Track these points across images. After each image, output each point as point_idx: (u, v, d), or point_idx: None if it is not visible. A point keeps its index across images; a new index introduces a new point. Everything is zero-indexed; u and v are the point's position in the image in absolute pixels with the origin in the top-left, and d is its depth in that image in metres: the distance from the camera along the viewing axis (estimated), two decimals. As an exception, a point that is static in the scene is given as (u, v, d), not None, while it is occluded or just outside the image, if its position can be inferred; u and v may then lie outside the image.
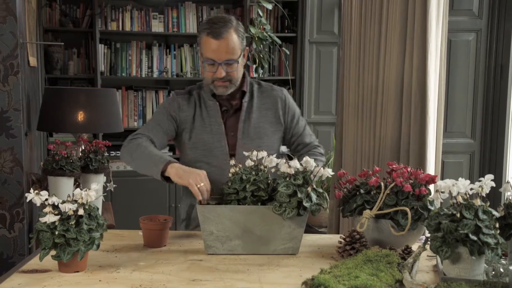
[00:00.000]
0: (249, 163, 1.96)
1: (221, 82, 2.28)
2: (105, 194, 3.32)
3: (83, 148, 3.43)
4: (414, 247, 1.96)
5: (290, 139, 2.50)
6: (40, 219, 1.69)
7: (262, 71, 5.18)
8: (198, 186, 2.01)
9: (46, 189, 3.27)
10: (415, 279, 1.65)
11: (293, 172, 1.89)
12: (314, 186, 1.88)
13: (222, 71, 2.24)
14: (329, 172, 1.92)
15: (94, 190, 1.74)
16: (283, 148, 2.73)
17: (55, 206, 1.71)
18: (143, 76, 5.33)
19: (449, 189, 1.70)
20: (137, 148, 2.26)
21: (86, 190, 1.72)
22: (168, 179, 2.14)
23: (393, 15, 3.43)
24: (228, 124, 2.37)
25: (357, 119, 3.89)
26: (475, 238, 1.59)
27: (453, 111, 3.56)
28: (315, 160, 2.25)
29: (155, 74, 5.36)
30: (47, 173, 3.10)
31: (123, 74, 5.28)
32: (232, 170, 1.99)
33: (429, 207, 1.93)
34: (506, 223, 1.78)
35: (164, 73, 5.37)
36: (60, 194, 3.09)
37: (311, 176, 1.90)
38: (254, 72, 5.15)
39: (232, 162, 2.01)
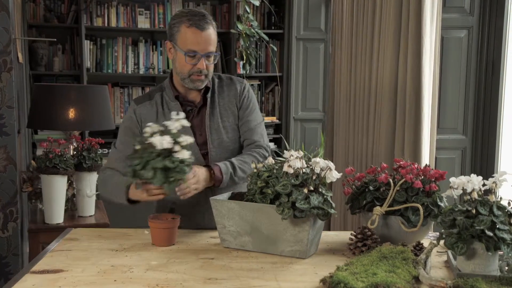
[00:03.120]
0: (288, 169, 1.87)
1: (199, 76, 2.22)
2: (98, 192, 3.29)
3: (75, 145, 3.39)
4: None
5: (239, 130, 2.37)
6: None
7: (249, 67, 5.17)
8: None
9: (39, 188, 3.23)
10: (431, 275, 1.65)
11: (292, 172, 1.85)
12: (311, 188, 1.81)
13: (204, 63, 2.20)
14: (336, 175, 1.87)
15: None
16: (271, 145, 2.65)
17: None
18: (130, 72, 5.28)
19: (464, 185, 1.71)
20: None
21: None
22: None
23: (387, 12, 3.44)
24: (194, 124, 2.29)
25: (349, 116, 3.90)
26: (491, 234, 1.61)
27: (445, 107, 3.59)
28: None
29: (142, 71, 5.31)
30: (40, 171, 3.06)
31: (109, 71, 5.22)
32: (253, 165, 1.98)
33: (439, 203, 1.94)
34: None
35: (151, 69, 5.32)
36: (53, 193, 3.05)
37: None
38: (241, 69, 5.13)
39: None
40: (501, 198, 1.70)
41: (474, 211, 1.65)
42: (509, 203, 1.84)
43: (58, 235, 3.02)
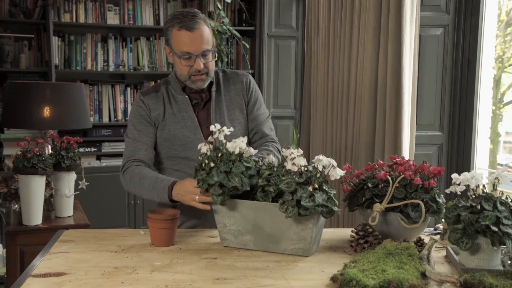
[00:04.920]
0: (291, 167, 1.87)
1: (199, 76, 2.23)
2: (78, 192, 3.22)
3: (51, 145, 3.30)
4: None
5: (249, 124, 2.41)
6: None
7: (221, 64, 5.14)
8: (197, 201, 1.97)
9: (14, 189, 3.14)
10: (439, 271, 1.67)
11: (296, 170, 1.86)
12: (316, 186, 1.82)
13: (200, 63, 2.19)
14: (340, 172, 1.88)
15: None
16: None
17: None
18: (99, 69, 5.17)
19: (467, 181, 1.73)
20: (132, 181, 2.21)
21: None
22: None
23: (366, 10, 3.47)
24: (200, 117, 2.32)
25: (327, 114, 3.92)
26: (496, 229, 1.63)
27: (422, 104, 3.64)
28: (274, 156, 2.25)
29: (111, 68, 5.21)
30: (18, 171, 2.96)
31: (78, 68, 5.11)
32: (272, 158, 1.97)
33: (437, 199, 1.96)
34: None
35: (121, 66, 5.23)
36: (31, 194, 2.97)
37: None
38: (213, 66, 5.09)
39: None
40: (502, 193, 1.73)
41: (478, 207, 1.67)
42: (507, 198, 1.89)
43: (37, 237, 2.98)
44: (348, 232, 2.06)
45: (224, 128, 1.95)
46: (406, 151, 3.29)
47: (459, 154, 3.66)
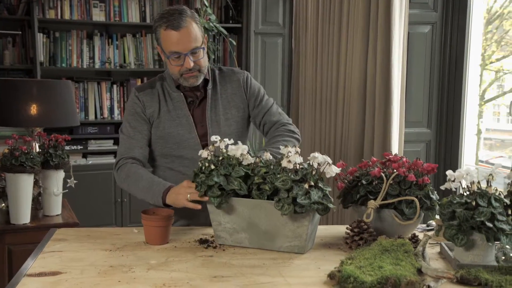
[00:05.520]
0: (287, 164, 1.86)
1: (191, 73, 2.20)
2: (66, 190, 3.20)
3: (39, 143, 3.27)
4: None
5: (255, 119, 2.41)
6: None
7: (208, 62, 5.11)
8: (188, 200, 1.96)
9: (1, 187, 3.11)
10: (435, 267, 1.68)
11: (292, 167, 1.85)
12: (312, 183, 1.81)
13: (190, 61, 2.16)
14: (335, 169, 1.88)
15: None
16: None
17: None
18: (85, 67, 5.13)
19: (462, 178, 1.74)
20: (127, 179, 2.21)
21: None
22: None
23: (355, 8, 3.47)
24: (195, 115, 2.30)
25: (315, 111, 3.93)
26: (491, 225, 1.65)
27: (410, 101, 3.66)
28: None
29: (97, 65, 5.17)
30: (5, 169, 2.93)
31: (63, 65, 5.06)
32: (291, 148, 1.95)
33: (431, 196, 1.98)
34: (512, 210, 1.84)
35: (107, 63, 5.19)
36: (19, 192, 2.94)
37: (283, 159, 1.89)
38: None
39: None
40: (496, 189, 1.74)
41: (473, 203, 1.68)
42: (500, 194, 1.90)
43: (25, 236, 2.95)
44: (342, 229, 2.08)
45: (226, 139, 1.96)
46: (395, 148, 3.31)
47: (446, 150, 3.69)
